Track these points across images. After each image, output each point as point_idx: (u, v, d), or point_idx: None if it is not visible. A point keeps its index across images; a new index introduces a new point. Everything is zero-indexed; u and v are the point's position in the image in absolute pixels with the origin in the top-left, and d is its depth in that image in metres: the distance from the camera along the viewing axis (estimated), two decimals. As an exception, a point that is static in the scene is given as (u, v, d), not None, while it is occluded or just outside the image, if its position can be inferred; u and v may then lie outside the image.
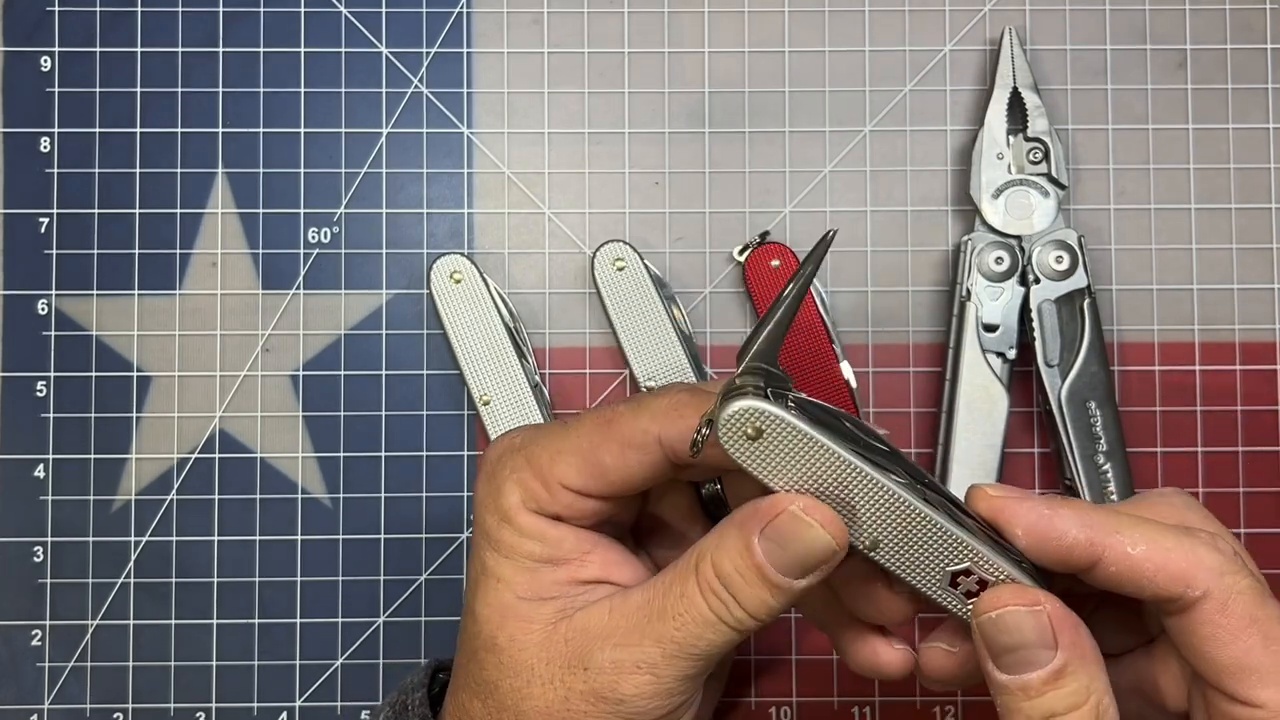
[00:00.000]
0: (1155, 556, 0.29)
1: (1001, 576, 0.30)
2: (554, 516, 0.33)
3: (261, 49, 0.47)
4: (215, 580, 0.46)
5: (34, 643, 0.46)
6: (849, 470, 0.29)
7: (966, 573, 0.30)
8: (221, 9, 0.47)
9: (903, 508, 0.30)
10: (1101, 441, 0.44)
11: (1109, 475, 0.43)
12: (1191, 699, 0.31)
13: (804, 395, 0.30)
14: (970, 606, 0.30)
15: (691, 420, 0.31)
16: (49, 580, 0.46)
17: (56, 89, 0.47)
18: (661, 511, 0.36)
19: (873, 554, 0.30)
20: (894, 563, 0.30)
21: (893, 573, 0.31)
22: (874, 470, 0.29)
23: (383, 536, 0.46)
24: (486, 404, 0.45)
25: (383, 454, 0.46)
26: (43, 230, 0.47)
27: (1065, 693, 0.29)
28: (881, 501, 0.30)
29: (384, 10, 0.47)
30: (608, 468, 0.32)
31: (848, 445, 0.29)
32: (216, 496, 0.46)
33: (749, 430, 0.29)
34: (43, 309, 0.47)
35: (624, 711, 0.32)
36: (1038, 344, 0.44)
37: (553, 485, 0.33)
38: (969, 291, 0.44)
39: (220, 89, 0.47)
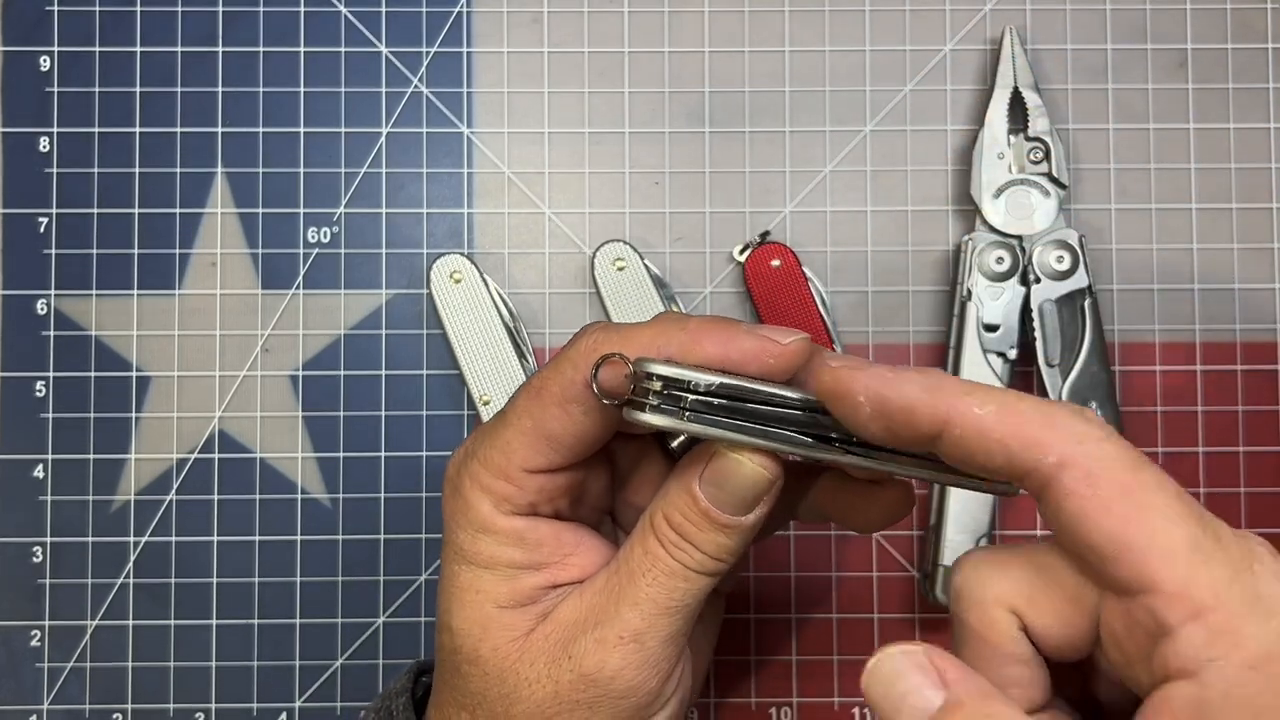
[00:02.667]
0: (1006, 420, 0.26)
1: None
2: (529, 511, 0.33)
3: (261, 48, 0.47)
4: (214, 580, 0.46)
5: (33, 643, 0.46)
6: (735, 441, 0.30)
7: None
8: (221, 8, 0.47)
9: (799, 451, 0.30)
10: (1102, 442, 0.43)
11: (1110, 475, 0.43)
12: (1102, 639, 0.27)
13: (712, 379, 0.29)
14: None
15: (614, 360, 0.30)
16: (48, 580, 0.46)
17: (56, 88, 0.47)
18: (638, 498, 0.36)
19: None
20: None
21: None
22: (757, 440, 0.30)
23: (382, 536, 0.46)
24: (486, 404, 0.45)
25: (382, 454, 0.46)
26: (42, 230, 0.47)
27: None
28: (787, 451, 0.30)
29: (384, 10, 0.47)
30: (559, 433, 0.31)
31: (726, 426, 0.29)
32: (216, 497, 0.46)
33: (643, 421, 0.29)
34: (42, 309, 0.46)
35: (615, 690, 0.31)
36: (1038, 344, 0.44)
37: (516, 476, 0.32)
38: (969, 291, 0.44)
39: (220, 89, 0.47)
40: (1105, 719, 0.29)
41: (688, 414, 0.29)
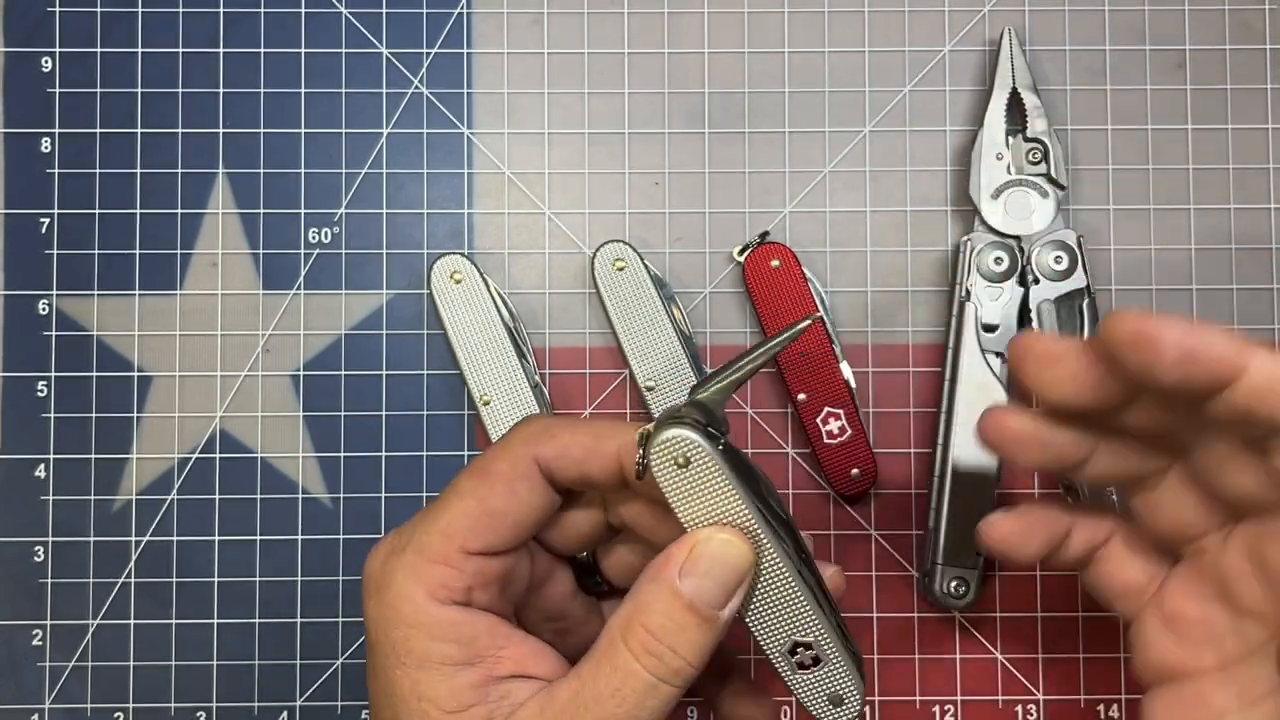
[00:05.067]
0: None
1: (833, 659, 0.33)
2: (464, 598, 0.32)
3: (262, 49, 0.47)
4: (215, 580, 0.46)
5: (34, 643, 0.46)
6: (751, 525, 0.31)
7: (807, 646, 0.33)
8: (222, 10, 0.47)
9: (781, 574, 0.32)
10: (1101, 441, 0.44)
11: (1108, 475, 0.43)
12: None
13: (736, 447, 0.32)
14: (799, 676, 0.33)
15: (563, 439, 0.33)
16: (49, 580, 0.46)
17: (57, 89, 0.47)
18: (542, 600, 0.36)
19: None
20: (752, 619, 0.33)
21: (747, 626, 0.33)
22: (769, 533, 0.32)
23: (383, 536, 0.46)
24: (486, 404, 0.45)
25: (383, 454, 0.46)
26: (43, 230, 0.47)
27: None
28: (766, 562, 0.32)
29: (384, 11, 0.47)
30: (501, 511, 0.32)
31: (758, 502, 0.31)
32: (217, 496, 0.46)
33: (679, 457, 0.31)
34: (43, 309, 0.47)
35: None
36: (1037, 344, 0.44)
37: (456, 558, 0.32)
38: (968, 291, 0.44)
39: (221, 89, 0.47)
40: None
41: (721, 450, 0.31)
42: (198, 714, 0.46)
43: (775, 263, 0.45)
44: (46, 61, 0.47)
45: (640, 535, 0.35)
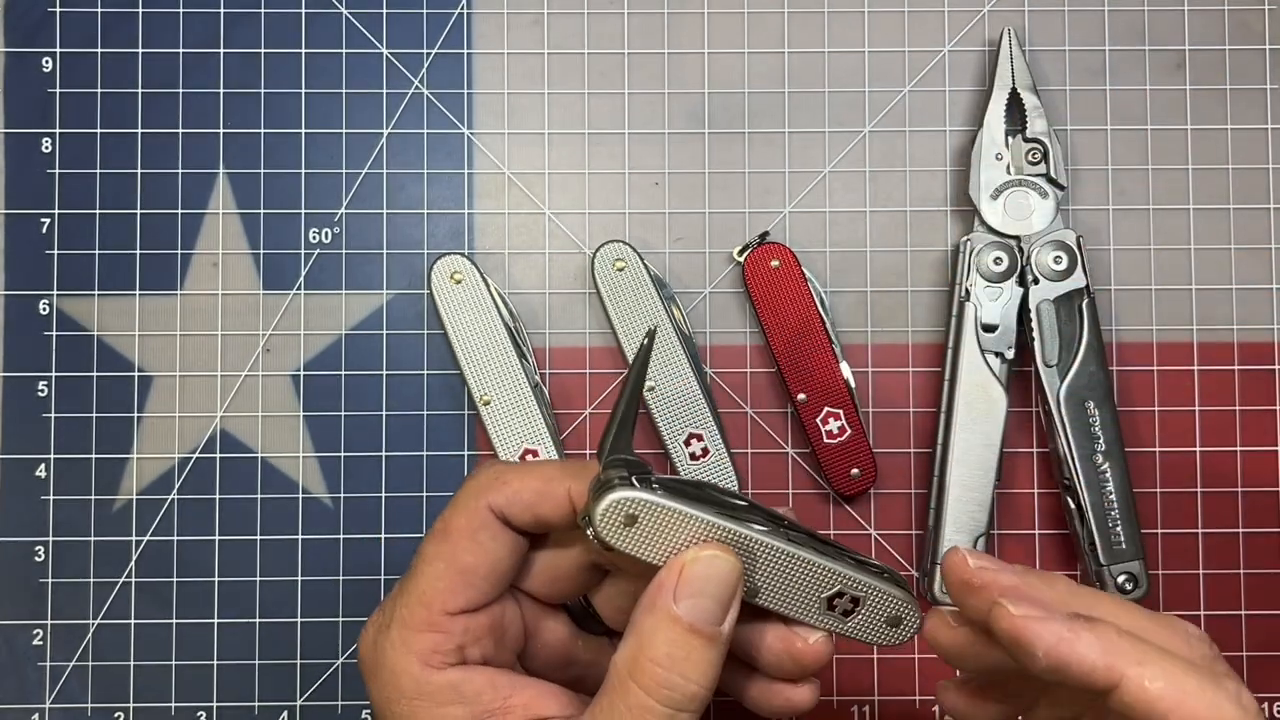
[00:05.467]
0: (1171, 696, 0.28)
1: (869, 591, 0.33)
2: (459, 658, 0.33)
3: (262, 50, 0.47)
4: (216, 580, 0.46)
5: (35, 642, 0.46)
6: (718, 530, 0.32)
7: (839, 595, 0.33)
8: (222, 10, 0.47)
9: (770, 551, 0.32)
10: (1100, 441, 0.44)
11: (1107, 475, 0.44)
12: None
13: (663, 475, 0.32)
14: (850, 623, 0.33)
15: (514, 485, 0.33)
16: (50, 580, 0.46)
17: (58, 89, 0.47)
18: (541, 647, 0.36)
19: (757, 600, 0.33)
20: (776, 602, 0.33)
21: (779, 613, 0.33)
22: (739, 525, 0.32)
23: (383, 536, 0.46)
24: (487, 404, 0.45)
25: (383, 454, 0.46)
26: (44, 230, 0.47)
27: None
28: (752, 551, 0.32)
29: (384, 11, 0.47)
30: (471, 566, 0.33)
31: (711, 509, 0.32)
32: (217, 496, 0.46)
33: (623, 518, 0.31)
34: (44, 309, 0.47)
35: None
36: (1036, 344, 0.44)
37: (440, 622, 0.32)
38: (968, 291, 0.45)
39: (221, 90, 0.47)
40: None
41: (657, 489, 0.31)
42: (198, 714, 0.46)
43: (775, 263, 0.45)
44: (47, 61, 0.47)
45: (626, 567, 0.35)
